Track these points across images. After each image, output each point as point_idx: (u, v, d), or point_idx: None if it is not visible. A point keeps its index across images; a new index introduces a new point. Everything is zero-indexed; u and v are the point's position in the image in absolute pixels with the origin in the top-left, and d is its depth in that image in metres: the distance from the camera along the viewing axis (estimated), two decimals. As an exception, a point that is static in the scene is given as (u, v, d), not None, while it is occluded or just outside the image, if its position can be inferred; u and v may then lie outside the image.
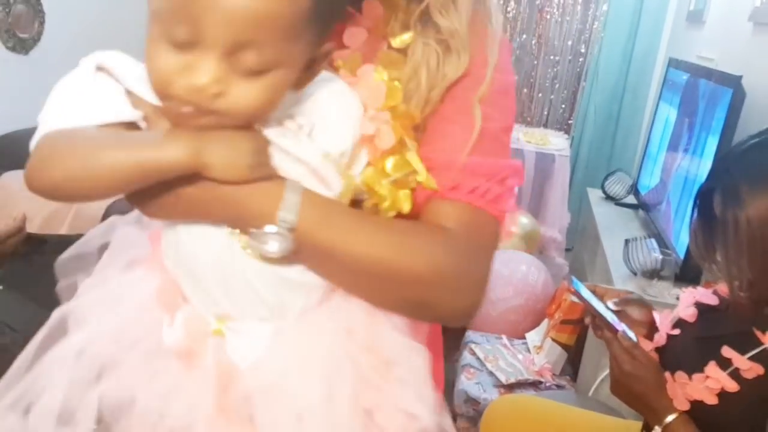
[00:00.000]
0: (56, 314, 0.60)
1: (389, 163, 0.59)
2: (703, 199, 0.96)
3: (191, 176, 0.52)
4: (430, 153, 0.61)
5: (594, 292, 1.12)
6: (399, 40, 0.62)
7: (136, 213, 0.61)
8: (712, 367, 0.95)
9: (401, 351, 0.59)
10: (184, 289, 0.59)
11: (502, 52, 0.66)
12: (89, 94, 0.54)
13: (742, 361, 0.92)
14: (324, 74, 0.57)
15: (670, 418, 0.96)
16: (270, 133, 0.54)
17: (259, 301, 0.57)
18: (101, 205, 2.09)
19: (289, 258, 0.54)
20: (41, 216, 2.05)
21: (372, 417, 0.57)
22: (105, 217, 2.09)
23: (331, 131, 0.56)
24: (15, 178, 2.18)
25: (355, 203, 0.59)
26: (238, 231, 0.56)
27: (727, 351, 0.94)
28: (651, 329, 1.11)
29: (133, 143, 0.52)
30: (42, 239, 1.64)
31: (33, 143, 0.55)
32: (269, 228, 0.52)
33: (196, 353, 0.57)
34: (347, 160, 0.57)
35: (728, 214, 0.89)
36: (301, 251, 0.54)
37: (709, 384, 0.94)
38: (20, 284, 1.51)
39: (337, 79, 0.59)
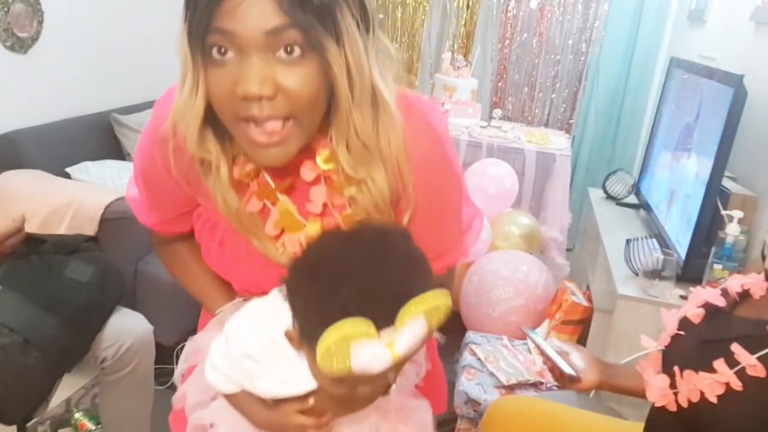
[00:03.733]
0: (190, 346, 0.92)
1: None
2: None
3: None
4: (433, 244, 0.83)
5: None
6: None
7: None
8: (720, 364, 0.94)
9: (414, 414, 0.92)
10: None
11: (441, 120, 0.83)
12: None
13: (750, 359, 0.91)
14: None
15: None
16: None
17: None
18: (99, 204, 2.09)
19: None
20: (40, 216, 2.04)
21: None
22: (103, 217, 2.09)
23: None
24: (13, 178, 2.17)
25: None
26: None
27: (736, 348, 0.93)
28: (594, 367, 1.24)
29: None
30: (41, 239, 1.63)
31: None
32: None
33: None
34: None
35: None
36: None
37: (716, 378, 0.94)
38: (19, 285, 1.50)
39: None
